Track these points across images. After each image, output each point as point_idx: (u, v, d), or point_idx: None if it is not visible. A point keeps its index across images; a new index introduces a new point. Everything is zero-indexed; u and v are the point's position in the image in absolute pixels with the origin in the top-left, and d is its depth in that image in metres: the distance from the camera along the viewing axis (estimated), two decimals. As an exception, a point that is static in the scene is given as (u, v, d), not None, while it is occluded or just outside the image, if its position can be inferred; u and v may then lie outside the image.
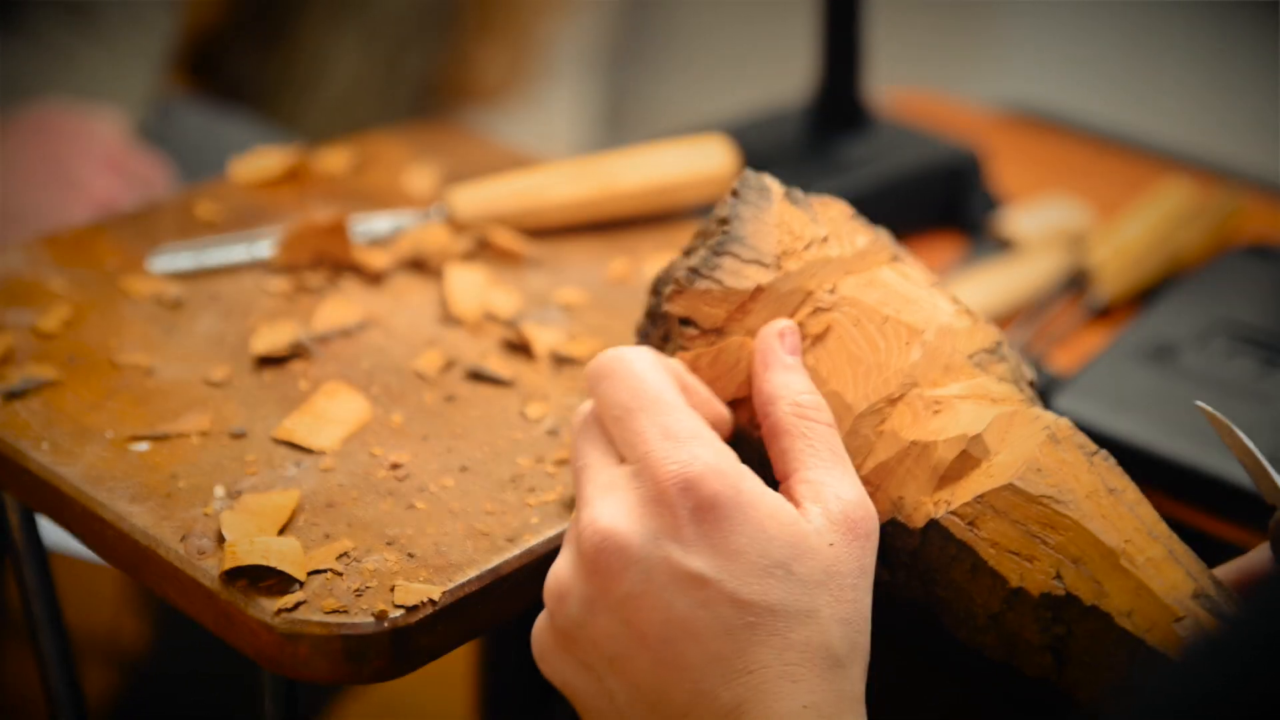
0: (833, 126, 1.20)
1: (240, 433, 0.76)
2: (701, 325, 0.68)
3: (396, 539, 0.70)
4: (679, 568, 0.59)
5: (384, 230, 0.93)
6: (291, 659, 0.66)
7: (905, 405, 0.67)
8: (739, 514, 0.60)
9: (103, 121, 1.31)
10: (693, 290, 0.68)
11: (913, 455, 0.66)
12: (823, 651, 0.60)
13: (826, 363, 0.68)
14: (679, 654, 0.59)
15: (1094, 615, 0.63)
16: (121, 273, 0.89)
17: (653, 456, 0.61)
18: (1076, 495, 0.64)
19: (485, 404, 0.80)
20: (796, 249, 0.69)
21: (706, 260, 0.68)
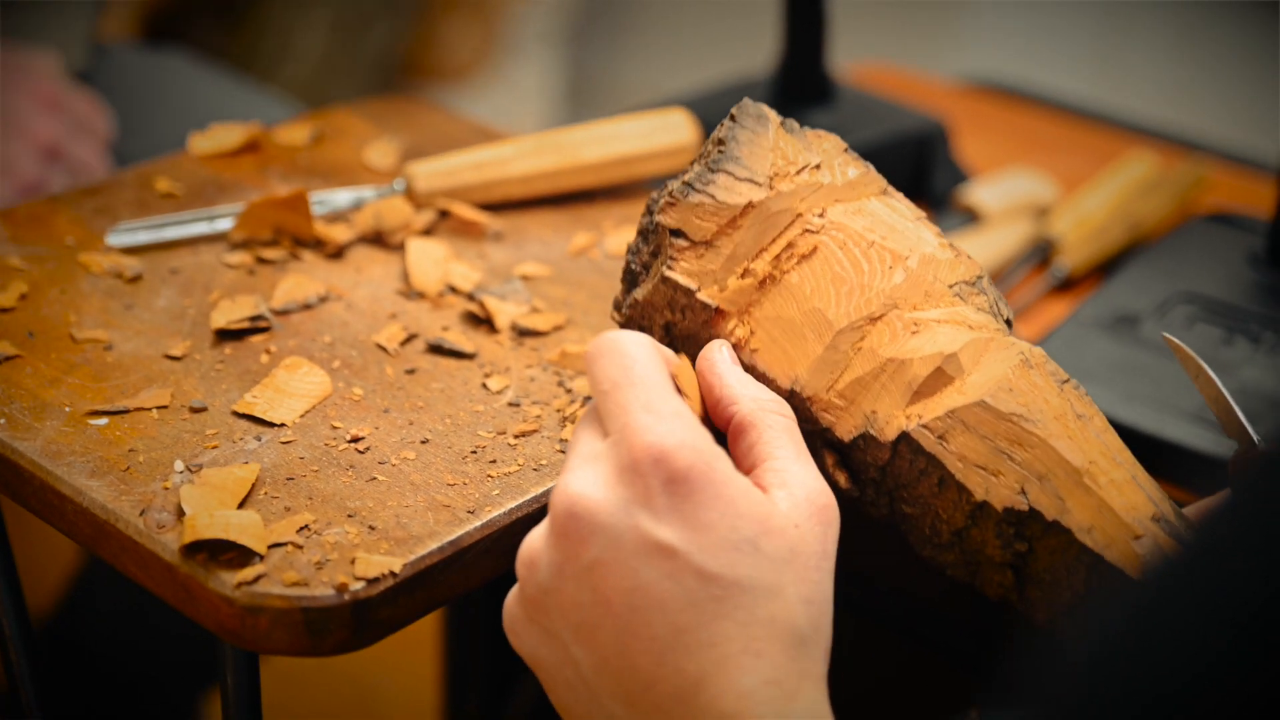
0: (797, 99, 1.20)
1: (200, 407, 0.76)
2: (692, 237, 0.69)
3: (357, 512, 0.70)
4: (648, 537, 0.59)
5: (344, 204, 0.93)
6: (252, 632, 0.66)
7: (884, 325, 0.68)
8: (711, 489, 0.60)
9: (41, 61, 1.29)
10: (686, 203, 0.69)
11: (888, 371, 0.68)
12: (787, 629, 0.60)
13: (810, 280, 0.69)
14: (644, 623, 0.59)
15: (1056, 531, 0.65)
16: (80, 248, 0.88)
17: (630, 427, 0.61)
18: (1045, 416, 0.65)
19: (446, 377, 0.79)
20: (789, 172, 0.70)
21: (701, 175, 0.70)
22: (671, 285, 0.69)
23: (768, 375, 0.69)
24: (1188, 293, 0.99)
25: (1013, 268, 1.10)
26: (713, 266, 0.69)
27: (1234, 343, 0.95)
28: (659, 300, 0.70)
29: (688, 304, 0.70)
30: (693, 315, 0.70)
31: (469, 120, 1.08)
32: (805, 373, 0.68)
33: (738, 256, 0.69)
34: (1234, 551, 0.36)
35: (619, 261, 0.91)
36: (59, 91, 1.27)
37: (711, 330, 0.70)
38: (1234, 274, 1.00)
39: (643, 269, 0.72)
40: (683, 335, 0.71)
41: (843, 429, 0.68)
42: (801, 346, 0.69)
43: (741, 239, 0.69)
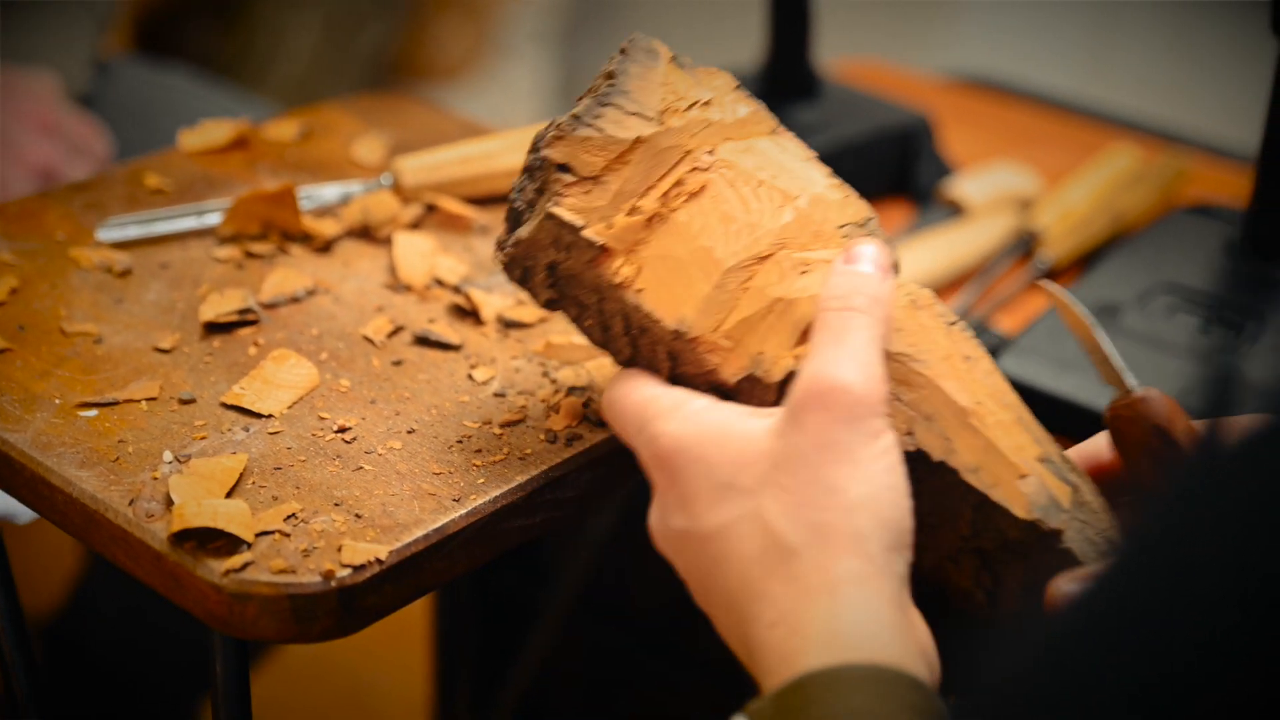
0: (783, 93, 1.21)
1: (189, 398, 0.77)
2: (579, 172, 0.67)
3: (344, 500, 0.71)
4: (676, 532, 0.64)
5: (332, 199, 0.94)
6: (240, 619, 0.67)
7: (773, 264, 0.67)
8: (685, 458, 0.63)
9: (39, 83, 1.30)
10: (573, 136, 0.68)
11: (776, 311, 0.67)
12: (775, 550, 0.60)
13: (699, 219, 0.68)
14: (712, 605, 0.63)
15: (942, 471, 0.65)
16: (70, 243, 0.89)
17: (639, 453, 0.66)
18: (933, 356, 0.66)
19: (433, 368, 0.80)
20: (679, 108, 0.69)
21: (590, 109, 0.68)
22: (557, 222, 0.67)
23: (653, 315, 0.67)
24: (1168, 283, 1.00)
25: (996, 260, 1.11)
26: (600, 203, 0.67)
27: (1213, 331, 0.96)
28: (543, 238, 0.68)
29: (573, 241, 0.67)
30: (578, 253, 0.68)
31: (456, 115, 1.09)
32: (692, 313, 0.67)
33: (625, 193, 0.68)
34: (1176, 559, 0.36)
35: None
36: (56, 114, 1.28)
37: (596, 269, 0.68)
38: (1213, 264, 1.01)
39: (527, 207, 0.70)
40: (566, 275, 0.69)
41: (728, 370, 0.67)
42: (689, 286, 0.67)
43: (630, 175, 0.68)
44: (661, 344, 0.68)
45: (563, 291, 0.70)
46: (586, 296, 0.69)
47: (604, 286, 0.68)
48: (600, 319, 0.69)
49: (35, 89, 1.30)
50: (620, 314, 0.68)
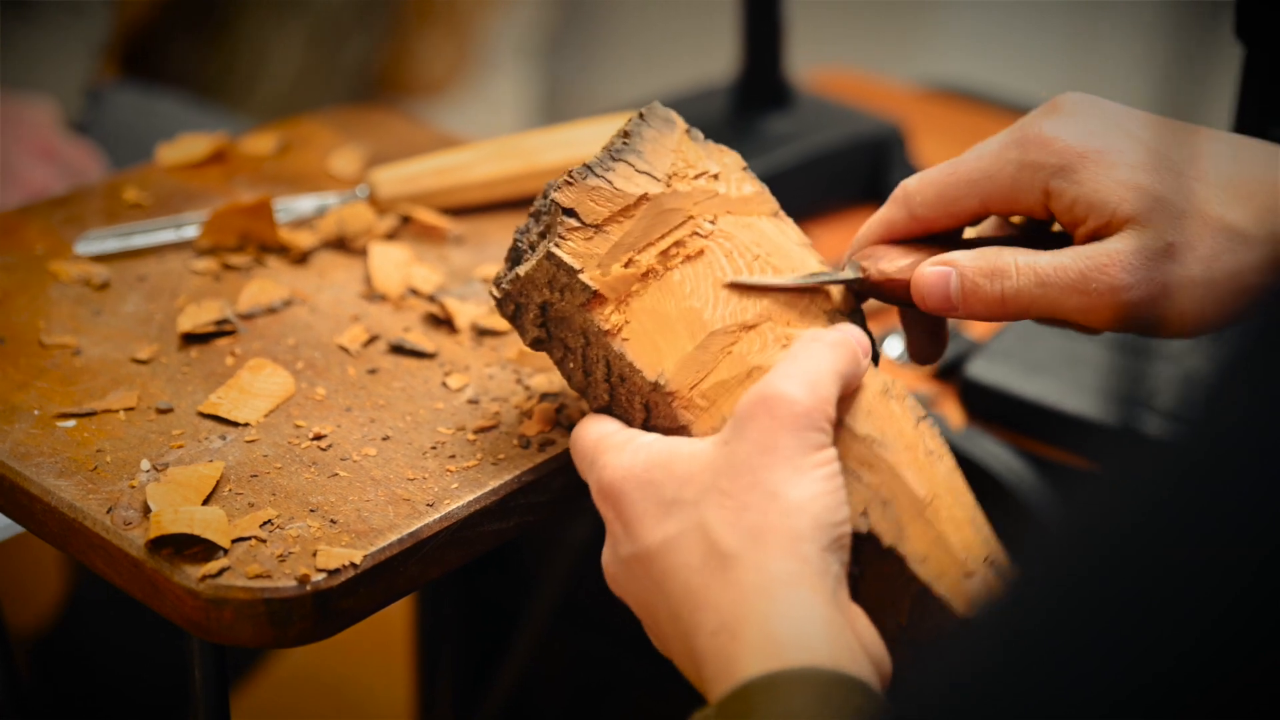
0: (757, 104, 1.23)
1: (166, 408, 0.78)
2: (583, 219, 0.70)
3: (319, 506, 0.72)
4: (625, 562, 0.65)
5: (308, 210, 0.95)
6: (217, 624, 0.68)
7: (757, 334, 0.70)
8: (630, 483, 0.65)
9: (36, 110, 1.32)
10: (583, 184, 0.70)
11: (752, 378, 0.69)
12: (715, 556, 0.61)
13: (692, 281, 0.71)
14: (660, 628, 0.65)
15: (890, 557, 0.66)
16: (49, 256, 0.90)
17: (591, 491, 0.68)
18: (898, 444, 0.67)
19: (408, 376, 0.81)
20: (687, 174, 0.72)
21: (602, 161, 0.71)
22: (555, 262, 0.70)
23: (634, 365, 0.69)
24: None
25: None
26: (599, 250, 0.70)
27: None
28: (540, 277, 0.70)
29: (568, 283, 0.70)
30: (571, 296, 0.70)
31: (430, 127, 1.10)
32: (672, 368, 0.69)
33: (625, 245, 0.70)
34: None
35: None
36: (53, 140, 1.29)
37: (587, 313, 0.70)
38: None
39: (529, 247, 0.72)
40: (557, 316, 0.71)
41: (699, 429, 0.69)
42: (673, 342, 0.69)
43: (631, 229, 0.70)
44: (639, 394, 0.70)
45: (551, 332, 0.72)
46: (573, 340, 0.71)
47: (591, 331, 0.70)
48: (583, 363, 0.72)
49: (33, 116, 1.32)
50: (603, 360, 0.70)
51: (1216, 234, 0.65)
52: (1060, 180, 0.68)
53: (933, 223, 0.72)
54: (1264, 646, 0.33)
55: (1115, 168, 0.67)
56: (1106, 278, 0.66)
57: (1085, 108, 0.70)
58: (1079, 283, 0.67)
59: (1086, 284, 0.66)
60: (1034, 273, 0.68)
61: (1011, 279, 0.68)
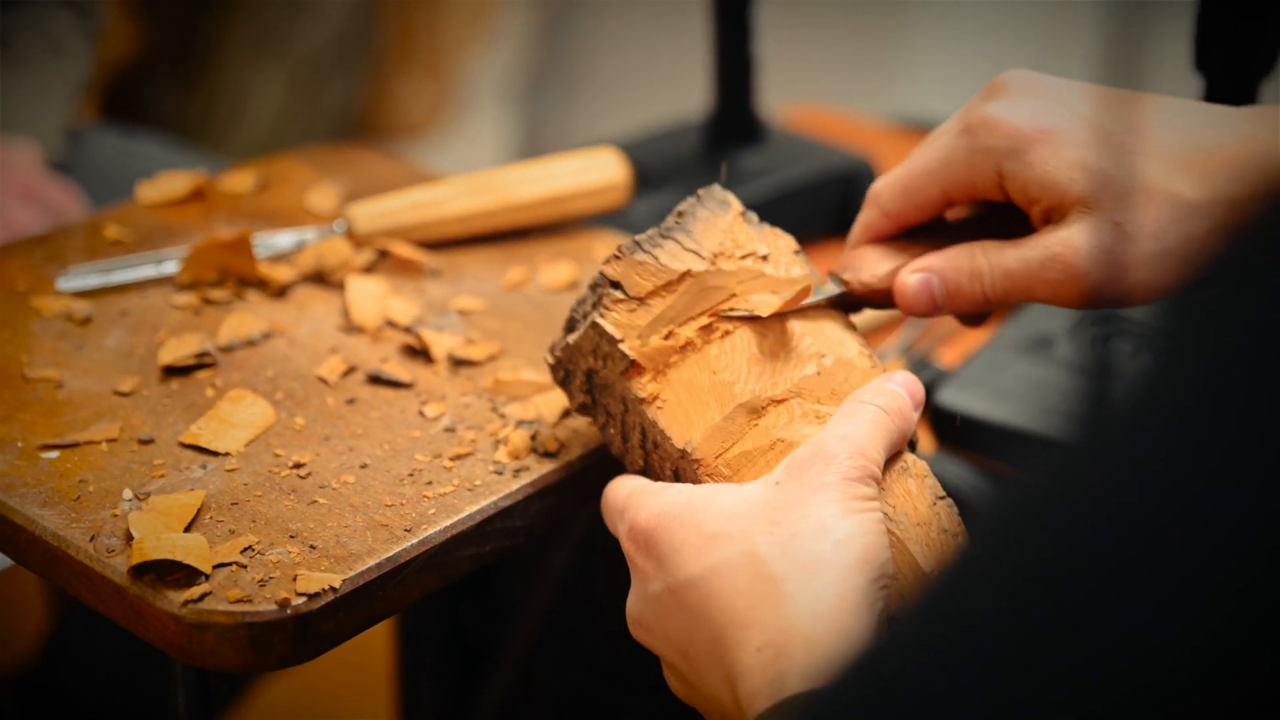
0: (728, 139, 1.25)
1: (148, 439, 0.79)
2: (628, 291, 0.73)
3: (299, 533, 0.73)
4: (656, 600, 0.65)
5: (287, 245, 0.96)
6: (199, 648, 0.69)
7: (785, 409, 0.72)
8: (667, 520, 0.66)
9: (18, 151, 1.34)
10: (631, 259, 0.73)
11: (776, 450, 0.71)
12: (764, 579, 0.62)
13: (728, 356, 0.73)
14: (693, 661, 0.64)
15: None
16: (32, 292, 0.91)
17: (622, 541, 0.69)
18: (909, 521, 0.68)
19: (385, 405, 0.83)
20: (734, 254, 0.75)
21: (652, 238, 0.74)
22: (599, 332, 0.73)
23: (666, 432, 0.72)
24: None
25: (938, 296, 1.14)
26: (641, 322, 0.73)
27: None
28: (586, 346, 0.74)
29: (610, 352, 0.73)
30: (612, 364, 0.73)
31: (407, 164, 1.12)
32: (700, 437, 0.71)
33: (666, 318, 0.73)
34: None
35: (551, 295, 0.95)
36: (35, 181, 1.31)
37: (626, 381, 0.73)
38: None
39: (581, 319, 0.75)
40: (601, 384, 0.74)
41: None
42: (703, 412, 0.72)
43: (673, 303, 0.73)
44: (669, 460, 0.72)
45: (595, 399, 0.75)
46: (614, 406, 0.74)
47: (630, 399, 0.73)
48: (622, 429, 0.75)
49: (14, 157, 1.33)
50: (639, 427, 0.73)
51: (1163, 206, 0.67)
52: (1011, 163, 0.71)
53: (904, 217, 0.75)
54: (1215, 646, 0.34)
55: (1062, 148, 0.70)
56: (1064, 265, 0.69)
57: (1028, 85, 0.72)
58: (1041, 272, 0.70)
59: (1047, 273, 0.70)
60: (1003, 270, 0.71)
61: (985, 278, 0.72)
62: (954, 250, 0.73)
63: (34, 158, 1.34)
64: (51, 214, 1.29)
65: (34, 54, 1.41)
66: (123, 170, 1.41)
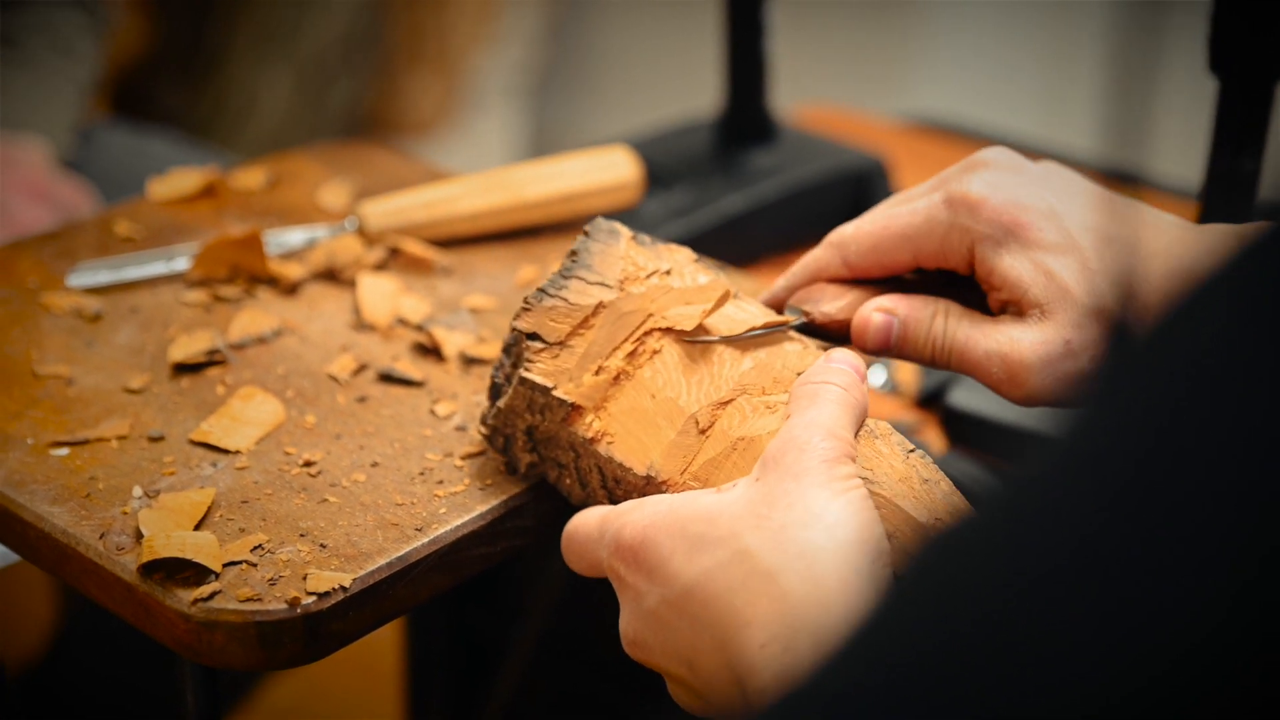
0: (740, 138, 1.24)
1: (158, 436, 0.79)
2: (546, 339, 0.72)
3: (309, 531, 0.73)
4: (652, 615, 0.64)
5: (298, 243, 0.96)
6: (208, 647, 0.69)
7: (734, 408, 0.71)
8: (653, 532, 0.64)
9: (29, 150, 1.34)
10: (540, 307, 0.73)
11: (739, 449, 0.70)
12: (758, 575, 0.61)
13: (663, 374, 0.72)
14: (699, 670, 0.63)
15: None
16: (42, 289, 0.91)
17: (603, 562, 0.67)
18: (889, 479, 0.67)
19: (396, 404, 0.83)
20: (639, 276, 0.74)
21: (555, 282, 0.73)
22: (529, 386, 0.72)
23: (624, 465, 0.71)
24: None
25: (949, 296, 1.14)
26: (568, 365, 0.72)
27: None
28: (519, 404, 0.73)
29: (545, 403, 0.72)
30: (551, 414, 0.72)
31: (418, 161, 1.11)
32: (660, 458, 0.70)
33: (592, 355, 0.72)
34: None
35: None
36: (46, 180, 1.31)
37: (570, 427, 0.72)
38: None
39: (505, 380, 0.75)
40: (544, 437, 0.73)
41: None
42: (655, 434, 0.71)
43: (595, 338, 0.72)
44: (635, 491, 0.71)
45: (542, 454, 0.74)
46: (564, 456, 0.73)
47: (578, 443, 0.72)
48: (578, 476, 0.74)
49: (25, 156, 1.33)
50: (595, 468, 0.72)
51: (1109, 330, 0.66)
52: (984, 248, 0.73)
53: (865, 271, 0.77)
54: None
55: (1032, 248, 0.71)
56: (1005, 365, 0.72)
57: (1009, 167, 0.74)
58: (985, 362, 0.72)
59: (990, 364, 0.72)
60: (954, 341, 0.74)
61: (939, 340, 0.74)
62: (919, 300, 0.74)
63: (44, 156, 1.34)
64: (62, 212, 1.30)
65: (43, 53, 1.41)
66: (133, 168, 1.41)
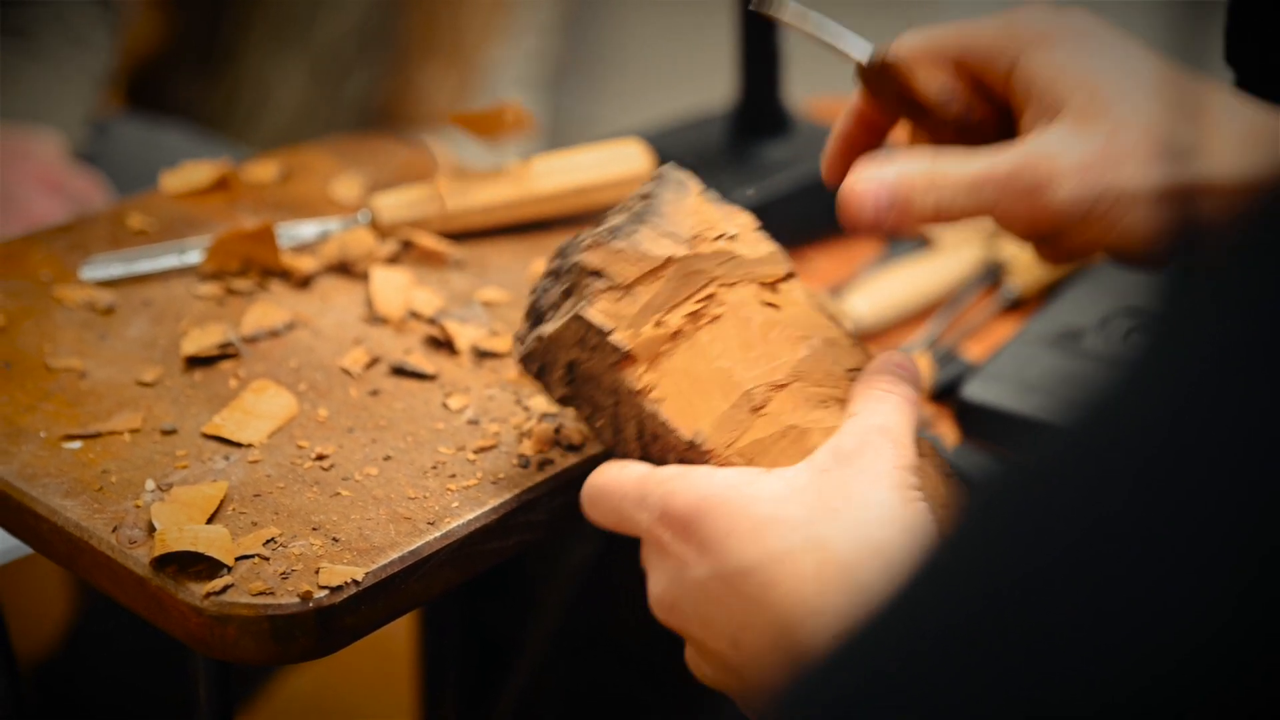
0: (754, 131, 1.24)
1: (171, 429, 0.79)
2: (612, 280, 0.70)
3: (322, 525, 0.73)
4: (699, 585, 0.63)
5: (310, 236, 0.96)
6: (221, 641, 0.69)
7: (788, 394, 0.70)
8: (710, 504, 0.63)
9: (42, 142, 1.34)
10: (609, 247, 0.71)
11: (789, 437, 0.69)
12: (833, 564, 0.60)
13: (721, 342, 0.71)
14: (744, 648, 0.62)
15: None
16: (55, 282, 0.91)
17: (643, 526, 0.66)
18: (935, 501, 0.67)
19: (409, 397, 0.82)
20: (708, 236, 0.72)
21: (626, 224, 0.71)
22: (585, 324, 0.70)
23: (669, 424, 0.70)
24: (1128, 307, 1.03)
25: (964, 290, 1.14)
26: (628, 311, 0.70)
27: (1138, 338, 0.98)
28: (568, 337, 0.71)
29: (598, 344, 0.70)
30: (600, 356, 0.70)
31: (429, 154, 1.11)
32: (708, 427, 0.69)
33: (653, 306, 0.71)
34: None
35: (577, 286, 0.94)
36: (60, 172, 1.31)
37: (618, 373, 0.70)
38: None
39: (551, 307, 0.73)
40: (585, 375, 0.71)
41: None
42: (707, 401, 0.70)
43: (659, 290, 0.71)
44: (673, 452, 0.70)
45: (578, 390, 0.72)
46: (603, 398, 0.72)
47: (623, 391, 0.70)
48: (613, 421, 0.72)
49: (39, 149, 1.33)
50: (635, 419, 0.71)
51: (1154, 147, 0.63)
52: (1028, 55, 0.67)
53: (912, 57, 0.72)
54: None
55: (1076, 52, 0.66)
56: (1034, 175, 0.65)
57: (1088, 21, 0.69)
58: (1008, 181, 0.66)
59: (1015, 182, 0.66)
60: (965, 178, 0.67)
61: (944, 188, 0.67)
62: (915, 156, 0.68)
63: (58, 148, 1.34)
64: (75, 204, 1.30)
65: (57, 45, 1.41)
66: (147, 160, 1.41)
